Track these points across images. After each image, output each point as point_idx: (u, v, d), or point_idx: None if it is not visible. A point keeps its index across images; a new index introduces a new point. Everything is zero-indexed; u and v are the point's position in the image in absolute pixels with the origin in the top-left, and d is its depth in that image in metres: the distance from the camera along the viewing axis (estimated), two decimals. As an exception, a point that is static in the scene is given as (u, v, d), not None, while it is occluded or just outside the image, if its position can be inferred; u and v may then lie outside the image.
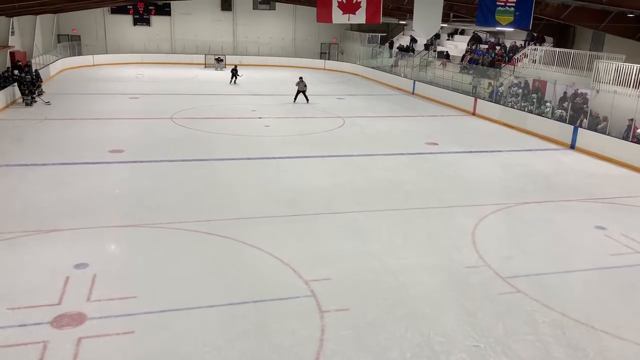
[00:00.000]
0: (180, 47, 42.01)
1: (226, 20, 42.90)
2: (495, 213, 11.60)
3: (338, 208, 11.55)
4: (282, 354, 6.48)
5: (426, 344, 6.78)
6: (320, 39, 44.49)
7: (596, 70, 19.30)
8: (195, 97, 25.81)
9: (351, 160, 15.57)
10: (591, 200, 12.78)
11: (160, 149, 15.85)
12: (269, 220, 10.77)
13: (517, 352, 6.69)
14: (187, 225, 10.20)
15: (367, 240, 9.90)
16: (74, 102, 23.09)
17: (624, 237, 10.46)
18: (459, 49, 32.36)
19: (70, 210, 10.81)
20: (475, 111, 24.09)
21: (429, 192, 12.94)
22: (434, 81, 29.50)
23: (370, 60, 38.15)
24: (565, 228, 10.97)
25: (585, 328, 7.31)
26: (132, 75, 33.43)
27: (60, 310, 7.19)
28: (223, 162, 14.93)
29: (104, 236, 9.69)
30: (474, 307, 7.73)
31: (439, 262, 9.12)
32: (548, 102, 20.40)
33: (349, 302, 7.69)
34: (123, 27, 41.01)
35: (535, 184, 13.85)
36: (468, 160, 16.16)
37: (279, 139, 17.85)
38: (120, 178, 13.12)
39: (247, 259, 9.00)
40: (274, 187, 12.87)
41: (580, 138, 17.95)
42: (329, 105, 25.09)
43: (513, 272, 8.84)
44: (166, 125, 19.39)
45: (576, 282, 8.70)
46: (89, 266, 8.43)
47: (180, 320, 7.11)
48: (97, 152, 15.22)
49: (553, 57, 22.87)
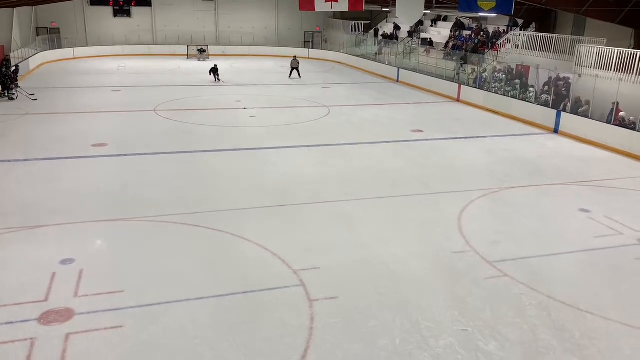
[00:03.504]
0: (162, 38, 41.53)
1: (208, 10, 42.43)
2: (481, 198, 11.70)
3: (325, 197, 11.55)
4: (273, 344, 6.50)
5: (415, 330, 6.84)
6: (303, 28, 44.24)
7: (578, 55, 19.43)
8: (179, 89, 25.58)
9: (338, 150, 15.57)
10: (575, 184, 12.93)
11: (145, 142, 15.70)
12: (256, 211, 10.75)
13: (505, 335, 6.78)
14: (174, 218, 10.14)
15: (355, 229, 9.93)
16: (55, 96, 22.74)
17: (608, 219, 10.61)
18: (442, 36, 32.38)
19: (54, 205, 10.69)
20: (459, 97, 24.18)
21: (415, 179, 12.99)
22: (418, 68, 29.54)
23: (354, 49, 38.04)
24: (550, 212, 11.10)
25: (571, 310, 7.42)
26: (113, 67, 33.01)
27: (47, 306, 7.13)
28: (209, 153, 14.83)
29: (89, 231, 9.60)
30: (462, 292, 7.80)
31: (426, 249, 9.19)
32: (531, 87, 20.52)
33: (338, 291, 7.72)
34: (103, 19, 40.38)
35: (520, 169, 13.97)
36: (453, 147, 16.24)
37: (265, 130, 17.78)
38: (105, 172, 12.98)
39: (235, 251, 8.99)
40: (261, 178, 12.83)
41: (564, 122, 18.11)
42: (314, 94, 25.01)
43: (499, 256, 8.94)
44: (150, 117, 19.20)
45: (561, 264, 8.82)
46: (75, 261, 8.35)
47: (169, 313, 7.09)
48: (80, 146, 15.03)
49: (535, 42, 22.99)
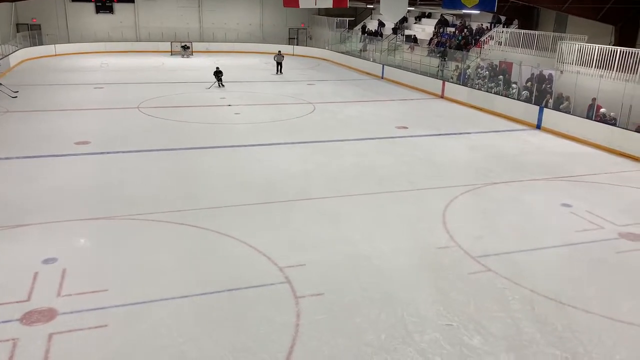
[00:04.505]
0: (145, 34, 41.13)
1: (191, 6, 42.11)
2: (465, 194, 11.79)
3: (311, 194, 11.56)
4: (259, 341, 6.49)
5: (400, 325, 6.88)
6: (288, 25, 44.11)
7: (560, 51, 19.66)
8: (163, 86, 25.36)
9: (323, 147, 15.57)
10: (557, 179, 13.09)
11: (128, 140, 15.55)
12: (241, 208, 10.71)
13: (489, 329, 6.86)
14: (158, 217, 10.07)
15: (341, 226, 9.95)
16: (36, 94, 22.42)
17: (589, 214, 10.76)
18: (426, 32, 32.52)
19: (36, 204, 10.55)
20: (443, 94, 24.31)
21: (400, 175, 13.05)
22: (402, 65, 29.64)
23: (339, 45, 38.05)
24: (533, 207, 11.23)
25: (553, 303, 7.52)
26: (96, 64, 32.62)
27: (29, 306, 7.04)
28: (193, 151, 14.74)
29: (72, 230, 9.50)
30: (447, 287, 7.87)
31: (411, 245, 9.24)
32: (514, 83, 20.71)
33: (324, 287, 7.74)
34: (85, 16, 39.84)
35: (503, 165, 14.11)
36: (438, 143, 16.34)
37: (250, 127, 17.72)
38: (88, 170, 12.84)
39: (221, 249, 8.96)
40: (246, 175, 12.79)
41: (546, 118, 18.32)
42: (299, 91, 24.98)
43: (483, 251, 9.02)
44: (133, 115, 19.03)
45: (544, 259, 8.92)
46: (58, 261, 8.26)
47: (154, 312, 7.05)
48: (63, 144, 14.85)
49: (518, 39, 23.20)
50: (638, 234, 9.89)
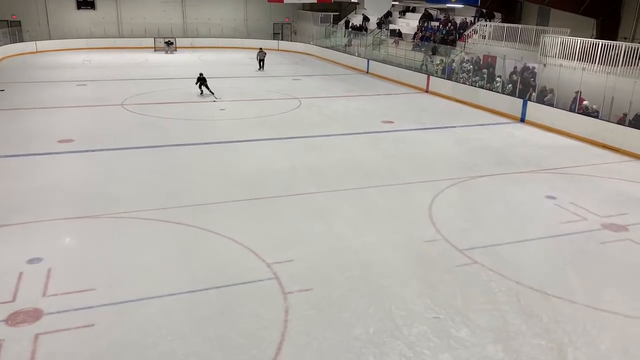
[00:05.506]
0: (128, 30, 40.66)
1: (175, 1, 41.68)
2: (451, 187, 11.87)
3: (298, 190, 11.55)
4: (248, 338, 6.49)
5: (389, 319, 6.93)
6: (272, 19, 43.90)
7: (543, 45, 19.82)
8: (146, 82, 25.13)
9: (309, 142, 15.56)
10: (542, 171, 13.23)
11: (112, 137, 15.40)
12: (228, 205, 10.68)
13: (475, 321, 6.93)
14: (144, 214, 10.00)
15: (329, 221, 9.96)
16: (18, 91, 22.08)
17: (573, 206, 10.90)
18: (410, 27, 32.57)
19: (20, 204, 10.42)
20: (428, 88, 24.41)
21: (386, 170, 13.09)
22: (387, 59, 29.68)
23: (324, 40, 37.97)
24: (518, 199, 11.34)
25: (539, 294, 7.61)
26: (78, 61, 32.22)
27: (14, 307, 6.96)
28: (178, 147, 14.63)
29: (57, 229, 9.40)
30: (434, 280, 7.93)
31: (398, 239, 9.29)
32: (498, 77, 20.85)
33: (312, 283, 7.76)
34: (66, 12, 39.26)
35: (489, 158, 14.22)
36: (423, 137, 16.42)
37: (236, 122, 17.64)
38: (72, 168, 12.70)
39: (208, 246, 8.93)
40: (233, 171, 12.74)
41: (530, 111, 18.48)
42: (284, 86, 24.91)
43: (469, 244, 9.10)
44: (117, 112, 18.83)
45: (529, 251, 9.03)
46: (43, 260, 8.17)
47: (141, 310, 7.02)
48: (46, 142, 14.66)
49: (502, 32, 23.33)
50: (620, 224, 10.05)
